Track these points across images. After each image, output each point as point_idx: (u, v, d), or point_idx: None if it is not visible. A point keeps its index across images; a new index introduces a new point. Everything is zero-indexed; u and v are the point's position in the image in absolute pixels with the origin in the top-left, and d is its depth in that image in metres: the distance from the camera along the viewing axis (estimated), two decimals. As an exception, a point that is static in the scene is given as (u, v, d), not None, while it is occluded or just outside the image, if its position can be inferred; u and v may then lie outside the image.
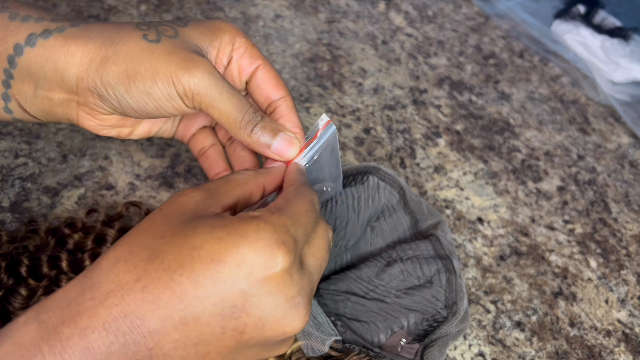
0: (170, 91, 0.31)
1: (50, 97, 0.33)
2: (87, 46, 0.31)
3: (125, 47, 0.31)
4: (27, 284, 0.39)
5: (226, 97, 0.31)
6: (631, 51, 0.75)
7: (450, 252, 0.44)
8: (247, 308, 0.23)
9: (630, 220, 0.58)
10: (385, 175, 0.45)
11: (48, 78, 0.32)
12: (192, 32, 0.33)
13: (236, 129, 0.32)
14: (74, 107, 0.33)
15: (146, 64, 0.30)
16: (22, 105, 0.33)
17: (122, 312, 0.22)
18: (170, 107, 0.32)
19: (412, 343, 0.40)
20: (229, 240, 0.23)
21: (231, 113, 0.31)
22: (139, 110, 0.32)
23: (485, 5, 0.81)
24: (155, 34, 0.32)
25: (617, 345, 0.47)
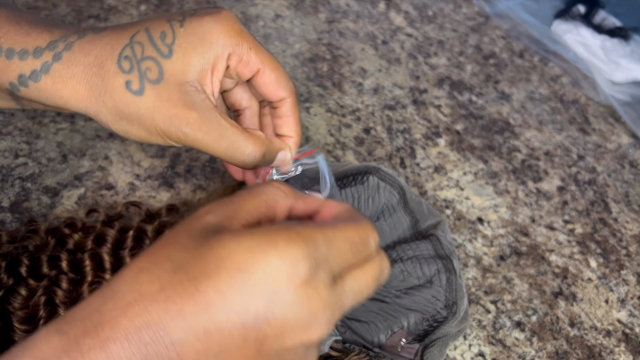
0: (165, 139, 0.33)
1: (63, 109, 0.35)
2: (77, 91, 0.32)
3: (112, 100, 0.32)
4: (27, 284, 0.39)
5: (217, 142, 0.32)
6: (631, 51, 0.75)
7: (450, 252, 0.44)
8: (269, 318, 0.23)
9: (630, 220, 0.58)
10: (385, 175, 0.45)
11: (53, 105, 0.33)
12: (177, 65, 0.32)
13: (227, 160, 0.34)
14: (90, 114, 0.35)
15: (134, 120, 0.32)
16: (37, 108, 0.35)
17: (144, 323, 0.22)
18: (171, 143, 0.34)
19: (412, 343, 0.40)
20: (258, 249, 0.23)
21: (222, 154, 0.33)
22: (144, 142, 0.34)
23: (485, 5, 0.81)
24: (138, 80, 0.32)
25: (617, 345, 0.47)
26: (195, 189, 0.49)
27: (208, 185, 0.50)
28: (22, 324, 0.37)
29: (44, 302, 0.37)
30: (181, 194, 0.48)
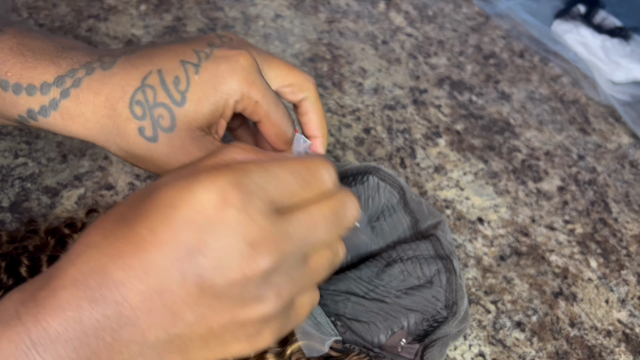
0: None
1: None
2: (87, 129, 0.32)
3: (124, 143, 0.32)
4: (26, 284, 0.38)
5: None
6: (631, 51, 0.75)
7: (451, 252, 0.44)
8: (202, 249, 0.22)
9: (630, 220, 0.58)
10: (385, 175, 0.45)
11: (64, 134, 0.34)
12: (189, 112, 0.32)
13: None
14: None
15: (148, 162, 0.33)
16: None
17: (89, 269, 0.22)
18: None
19: (412, 343, 0.40)
20: (185, 183, 0.23)
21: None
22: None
23: (486, 5, 0.81)
24: (150, 127, 0.32)
25: (617, 346, 0.47)
26: (195, 189, 0.49)
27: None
28: (22, 324, 0.37)
29: (43, 302, 0.37)
30: (181, 194, 0.48)
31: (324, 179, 0.26)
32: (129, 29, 0.61)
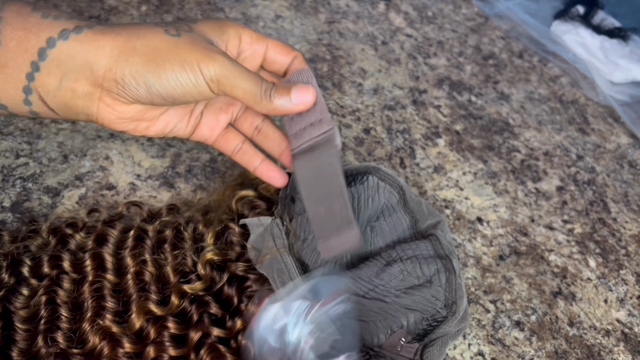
0: (197, 78, 0.35)
1: (75, 89, 0.35)
2: (116, 40, 0.35)
3: (151, 40, 0.35)
4: (28, 283, 0.39)
5: (245, 76, 0.35)
6: (630, 51, 0.75)
7: (450, 251, 0.44)
8: None
9: (629, 220, 0.58)
10: (385, 175, 0.45)
11: (77, 69, 0.35)
12: (203, 27, 0.37)
13: (257, 101, 0.36)
14: (95, 100, 0.35)
15: (173, 54, 0.34)
16: (43, 97, 0.35)
17: None
18: (196, 93, 0.36)
19: (411, 342, 0.41)
20: None
21: (251, 89, 0.35)
22: (167, 96, 0.35)
23: (485, 6, 0.81)
24: (174, 29, 0.36)
25: (616, 345, 0.47)
26: (195, 188, 0.49)
27: (208, 185, 0.50)
28: (23, 324, 0.37)
29: (45, 302, 0.38)
30: (182, 193, 0.49)
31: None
32: (130, 30, 0.61)
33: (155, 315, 0.38)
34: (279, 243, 0.41)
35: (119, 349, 0.36)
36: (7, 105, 0.35)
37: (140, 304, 0.38)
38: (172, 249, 0.41)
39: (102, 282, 0.39)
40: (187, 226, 0.43)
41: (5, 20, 0.34)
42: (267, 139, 0.42)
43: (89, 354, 0.36)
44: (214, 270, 0.40)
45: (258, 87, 0.35)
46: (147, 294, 0.39)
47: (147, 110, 0.37)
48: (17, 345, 0.36)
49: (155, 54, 0.34)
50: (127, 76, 0.34)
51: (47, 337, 0.36)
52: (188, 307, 0.38)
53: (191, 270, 0.40)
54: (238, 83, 0.35)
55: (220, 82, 0.35)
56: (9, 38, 0.33)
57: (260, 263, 0.40)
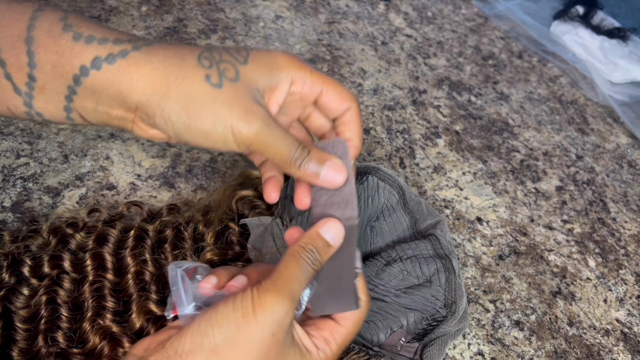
0: (228, 136, 0.33)
1: (109, 113, 0.35)
2: (150, 76, 0.33)
3: (188, 87, 0.33)
4: (29, 283, 0.39)
5: (280, 142, 0.34)
6: (629, 52, 0.75)
7: (450, 251, 0.44)
8: None
9: (628, 220, 0.58)
10: (385, 175, 0.45)
11: (110, 97, 0.34)
12: (251, 72, 0.35)
13: (287, 166, 0.34)
14: (129, 122, 0.35)
15: (208, 110, 0.33)
16: (83, 116, 0.35)
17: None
18: (223, 146, 0.34)
19: (411, 342, 0.41)
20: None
21: (283, 154, 0.34)
22: (194, 144, 0.35)
23: (485, 6, 0.81)
24: (217, 75, 0.34)
25: (615, 345, 0.47)
26: (196, 188, 0.49)
27: (209, 185, 0.50)
28: (24, 323, 0.37)
29: (45, 302, 0.38)
30: (182, 193, 0.49)
31: None
32: (130, 30, 0.61)
33: (156, 315, 0.38)
34: (279, 243, 0.41)
35: (119, 348, 0.36)
36: (51, 120, 0.36)
37: (141, 303, 0.38)
38: (173, 249, 0.41)
39: (103, 281, 0.39)
40: (188, 226, 0.43)
41: (38, 42, 0.33)
42: None
43: (89, 353, 0.36)
44: (214, 270, 0.40)
45: (291, 154, 0.34)
46: (147, 293, 0.39)
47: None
48: (17, 344, 0.36)
49: (189, 104, 0.33)
50: (157, 117, 0.33)
51: (48, 336, 0.36)
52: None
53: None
54: (271, 147, 0.34)
55: (253, 143, 0.34)
56: (43, 61, 0.33)
57: (260, 263, 0.40)
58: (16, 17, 0.33)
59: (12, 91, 0.34)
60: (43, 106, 0.34)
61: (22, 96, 0.34)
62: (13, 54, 0.33)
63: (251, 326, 0.28)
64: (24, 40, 0.33)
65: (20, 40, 0.33)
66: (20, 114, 0.35)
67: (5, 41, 0.33)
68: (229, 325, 0.28)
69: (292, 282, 0.30)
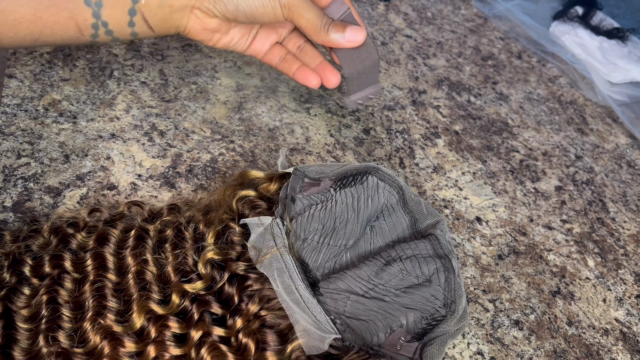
0: (276, 4, 0.42)
1: (172, 4, 0.40)
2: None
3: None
4: (29, 283, 0.39)
5: (310, 9, 0.43)
6: (629, 52, 0.76)
7: (449, 251, 0.44)
8: None
9: (628, 219, 0.58)
10: (385, 175, 0.46)
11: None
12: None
13: (317, 31, 0.44)
14: (187, 12, 0.41)
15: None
16: (145, 17, 0.40)
17: None
18: (272, 15, 0.42)
19: (411, 342, 0.41)
20: None
21: (314, 20, 0.43)
22: (249, 14, 0.42)
23: (484, 7, 0.81)
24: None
25: (614, 344, 0.47)
26: (196, 188, 0.49)
27: (209, 185, 0.50)
28: (25, 323, 0.37)
29: (46, 301, 0.38)
30: (182, 193, 0.49)
31: None
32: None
33: (156, 315, 0.38)
34: (279, 243, 0.41)
35: (120, 348, 0.36)
36: (113, 30, 0.40)
37: (141, 303, 0.38)
38: (173, 249, 0.41)
39: (104, 281, 0.39)
40: (188, 226, 0.43)
41: None
42: (306, 55, 0.50)
43: (90, 353, 0.36)
44: (215, 269, 0.40)
45: (320, 20, 0.43)
46: (148, 293, 0.39)
47: (224, 24, 0.44)
48: (18, 344, 0.36)
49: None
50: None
51: (49, 336, 0.36)
52: (189, 306, 0.38)
53: (192, 269, 0.40)
54: (304, 13, 0.42)
55: (291, 10, 0.42)
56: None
57: (261, 262, 0.40)
58: None
59: (82, 3, 0.38)
60: (110, 13, 0.39)
61: (92, 6, 0.38)
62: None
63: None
64: None
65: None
66: (85, 29, 0.39)
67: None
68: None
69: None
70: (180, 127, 0.54)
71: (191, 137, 0.53)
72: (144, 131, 0.53)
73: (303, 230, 0.42)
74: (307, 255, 0.41)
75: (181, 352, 0.37)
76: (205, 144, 0.53)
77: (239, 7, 0.41)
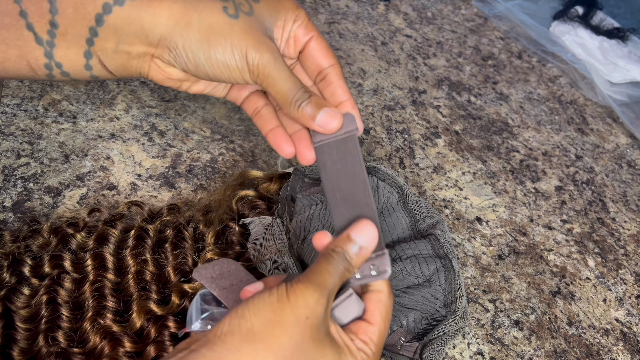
0: (243, 64, 0.36)
1: (130, 52, 0.36)
2: (172, 9, 0.35)
3: (207, 18, 0.35)
4: (29, 283, 0.39)
5: (284, 78, 0.36)
6: (629, 52, 0.76)
7: (449, 251, 0.44)
8: None
9: (628, 219, 0.58)
10: (385, 175, 0.46)
11: (132, 34, 0.35)
12: (262, 9, 0.37)
13: (286, 105, 0.36)
14: (148, 60, 0.37)
15: (227, 38, 0.35)
16: (102, 61, 0.37)
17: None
18: (239, 77, 0.37)
19: (411, 342, 0.41)
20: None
21: (286, 92, 0.36)
22: (212, 75, 0.37)
23: (484, 7, 0.81)
24: (233, 8, 0.36)
25: (615, 344, 0.47)
26: (196, 188, 0.49)
27: (209, 185, 0.50)
28: (25, 323, 0.37)
29: (46, 301, 0.38)
30: (182, 193, 0.49)
31: None
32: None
33: (156, 315, 0.38)
34: (279, 243, 0.41)
35: (119, 348, 0.36)
36: (69, 72, 0.37)
37: (141, 303, 0.38)
38: (173, 249, 0.41)
39: (103, 281, 0.39)
40: (188, 226, 0.43)
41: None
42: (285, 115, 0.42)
43: (89, 353, 0.36)
44: (215, 269, 0.40)
45: (293, 93, 0.36)
46: (147, 293, 0.39)
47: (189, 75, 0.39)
48: (18, 344, 0.36)
49: (209, 33, 0.35)
50: (179, 49, 0.35)
51: (48, 336, 0.36)
52: (189, 306, 0.38)
53: (192, 269, 0.40)
54: (276, 82, 0.36)
55: (260, 74, 0.36)
56: (65, 5, 0.34)
57: (261, 263, 0.40)
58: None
59: (33, 42, 0.34)
60: (64, 54, 0.35)
61: (44, 45, 0.35)
62: (34, 2, 0.34)
63: (285, 309, 0.29)
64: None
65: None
66: (39, 69, 0.35)
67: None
68: (264, 308, 0.28)
69: (322, 274, 0.30)
70: (180, 127, 0.54)
71: (191, 137, 0.53)
72: (143, 131, 0.53)
73: (303, 230, 0.42)
74: (307, 255, 0.41)
75: (181, 352, 0.37)
76: (205, 144, 0.53)
77: (199, 67, 0.36)
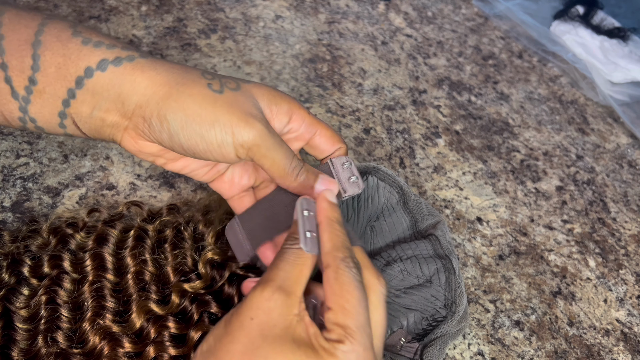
0: (226, 139, 0.33)
1: (104, 119, 0.35)
2: (153, 80, 0.33)
3: (189, 89, 0.33)
4: (28, 283, 0.39)
5: (278, 149, 0.34)
6: (630, 51, 0.75)
7: (450, 251, 0.44)
8: None
9: (629, 220, 0.58)
10: (385, 175, 0.45)
11: (109, 100, 0.34)
12: (254, 89, 0.35)
13: (284, 176, 0.35)
14: (121, 130, 0.35)
15: (208, 110, 0.33)
16: (76, 123, 0.35)
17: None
18: (219, 154, 0.34)
19: (411, 342, 0.41)
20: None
21: (281, 162, 0.34)
22: (187, 149, 0.34)
23: (485, 6, 0.81)
24: (219, 84, 0.34)
25: (615, 345, 0.47)
26: (195, 188, 0.49)
27: (208, 185, 0.50)
28: (24, 323, 0.37)
29: (45, 302, 0.38)
30: (182, 193, 0.49)
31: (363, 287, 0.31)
32: (130, 30, 0.61)
33: (156, 315, 0.38)
34: (279, 243, 0.41)
35: (119, 348, 0.36)
36: (43, 128, 0.35)
37: (141, 303, 0.38)
38: (173, 249, 0.41)
39: (103, 281, 0.39)
40: (188, 226, 0.43)
41: (45, 45, 0.33)
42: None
43: (89, 353, 0.36)
44: (215, 269, 0.40)
45: (288, 163, 0.35)
46: (147, 293, 0.39)
47: (167, 150, 0.36)
48: (17, 344, 0.36)
49: (187, 103, 0.33)
50: (154, 118, 0.33)
51: (48, 336, 0.36)
52: (188, 306, 0.38)
53: (191, 269, 0.40)
54: (270, 153, 0.34)
55: (252, 150, 0.33)
56: (48, 64, 0.33)
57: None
58: (25, 23, 0.33)
59: (9, 95, 0.34)
60: (38, 111, 0.34)
61: (19, 100, 0.34)
62: (17, 56, 0.33)
63: (233, 318, 0.28)
64: (31, 43, 0.33)
65: (27, 44, 0.33)
66: (12, 120, 0.34)
67: (11, 45, 0.33)
68: (218, 326, 0.29)
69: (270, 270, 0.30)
70: (179, 127, 0.54)
71: (191, 137, 0.53)
72: (143, 131, 0.53)
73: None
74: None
75: (180, 353, 0.36)
76: (205, 144, 0.53)
77: (173, 137, 0.33)
